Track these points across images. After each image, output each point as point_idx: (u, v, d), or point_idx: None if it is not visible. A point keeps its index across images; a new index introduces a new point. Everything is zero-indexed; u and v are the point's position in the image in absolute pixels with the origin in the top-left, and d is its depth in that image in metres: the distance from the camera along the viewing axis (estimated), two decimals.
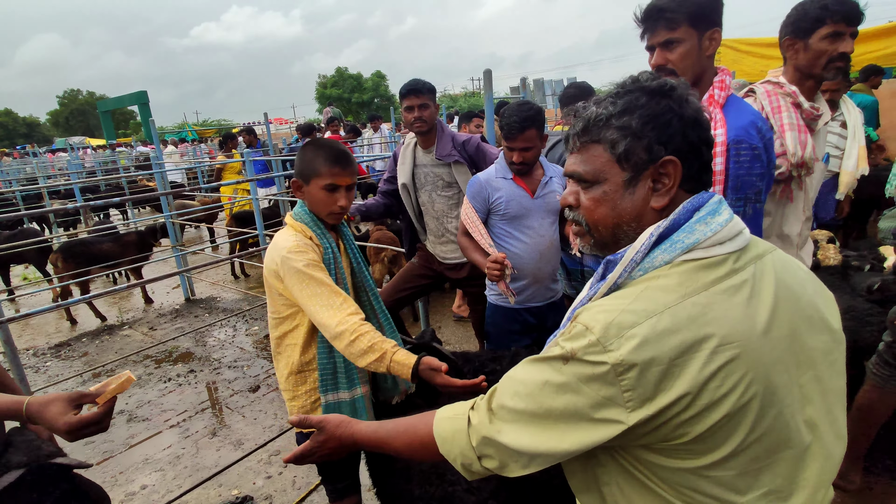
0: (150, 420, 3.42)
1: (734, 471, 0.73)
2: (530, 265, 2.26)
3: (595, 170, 0.84)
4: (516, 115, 2.09)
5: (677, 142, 0.79)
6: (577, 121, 0.87)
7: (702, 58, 1.49)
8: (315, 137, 1.71)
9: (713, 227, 0.76)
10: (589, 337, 0.73)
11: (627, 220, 0.83)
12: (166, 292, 6.20)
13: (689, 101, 0.81)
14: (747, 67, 7.46)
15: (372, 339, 1.47)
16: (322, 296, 1.50)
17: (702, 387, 0.69)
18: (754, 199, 1.46)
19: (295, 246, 1.54)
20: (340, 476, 1.81)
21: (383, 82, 45.94)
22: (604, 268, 0.85)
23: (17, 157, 18.67)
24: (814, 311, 0.81)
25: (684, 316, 0.71)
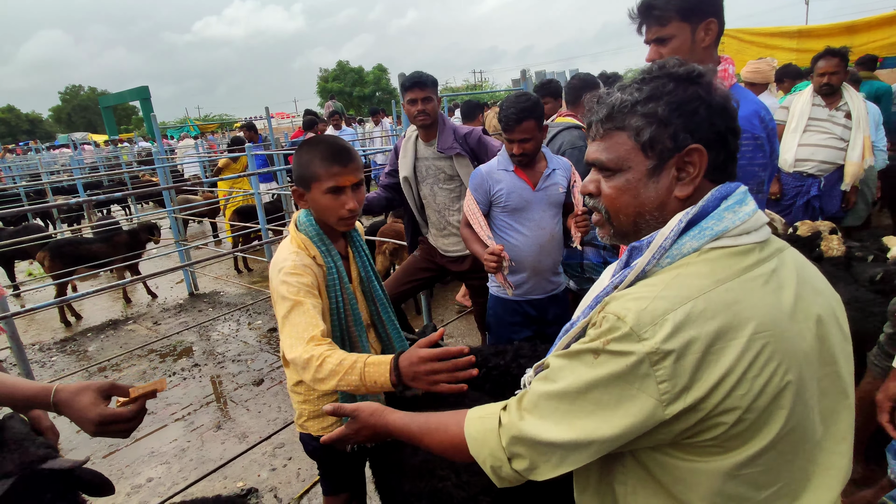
0: (155, 413, 3.44)
1: (762, 467, 0.72)
2: (530, 257, 2.26)
3: (618, 157, 0.81)
4: (514, 107, 2.08)
5: (704, 130, 0.77)
6: (599, 107, 0.84)
7: (697, 50, 1.47)
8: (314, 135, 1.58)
9: (741, 216, 0.75)
10: (621, 327, 0.71)
11: (650, 210, 0.81)
12: (170, 287, 6.22)
13: (717, 89, 0.79)
14: (750, 57, 7.40)
15: (339, 357, 1.28)
16: (297, 326, 1.34)
17: (741, 375, 0.68)
18: (756, 189, 1.45)
19: (292, 267, 1.41)
20: (344, 480, 1.78)
21: (384, 76, 45.79)
22: (628, 254, 0.82)
23: (20, 153, 18.69)
24: (831, 308, 0.81)
25: (719, 301, 0.70)
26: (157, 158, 6.36)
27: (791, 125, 3.60)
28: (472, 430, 0.88)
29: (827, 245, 2.67)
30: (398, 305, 3.08)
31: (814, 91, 3.52)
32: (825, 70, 3.39)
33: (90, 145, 18.87)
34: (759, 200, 1.48)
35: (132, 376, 3.98)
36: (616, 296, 0.76)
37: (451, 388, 1.24)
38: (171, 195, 5.98)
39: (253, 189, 5.21)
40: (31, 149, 19.92)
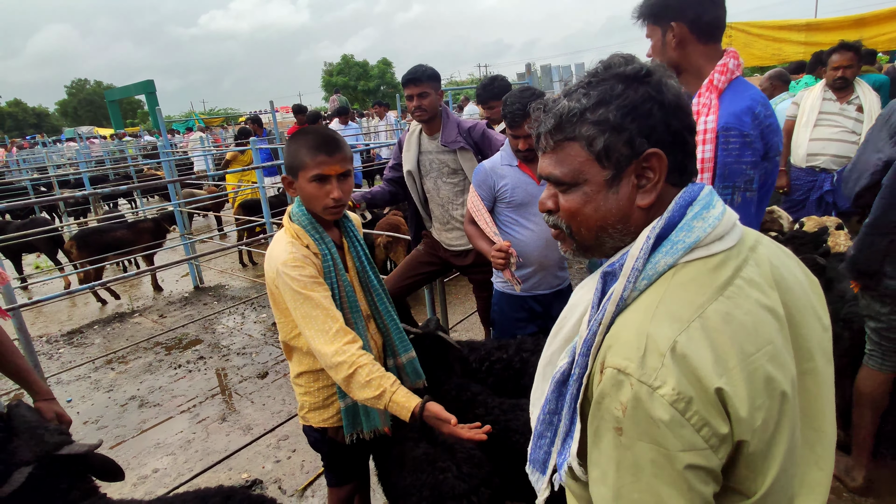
0: (161, 405, 3.47)
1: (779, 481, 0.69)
2: (536, 253, 2.25)
3: (573, 171, 0.76)
4: (519, 102, 2.06)
5: (660, 132, 0.72)
6: (546, 117, 0.78)
7: (668, 51, 1.51)
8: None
9: (710, 221, 0.71)
10: (628, 382, 0.65)
11: (613, 223, 0.76)
12: (175, 280, 6.26)
13: (668, 86, 0.73)
14: (758, 51, 7.35)
15: (370, 372, 1.36)
16: (317, 319, 1.39)
17: (753, 398, 0.64)
18: (744, 187, 1.43)
19: (291, 259, 1.43)
20: (347, 472, 1.79)
21: (389, 70, 45.68)
22: (602, 281, 0.76)
23: (27, 146, 18.79)
24: (807, 300, 0.79)
25: (713, 325, 0.66)
26: (162, 152, 6.38)
27: (802, 119, 3.57)
28: None
29: (834, 241, 2.65)
30: (402, 299, 3.09)
31: (825, 85, 3.49)
32: (839, 63, 3.35)
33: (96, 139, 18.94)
34: (748, 199, 1.45)
35: (138, 368, 4.02)
36: (608, 344, 0.70)
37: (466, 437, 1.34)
38: (177, 188, 6.00)
39: (258, 183, 5.22)
40: (38, 143, 20.01)
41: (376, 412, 1.61)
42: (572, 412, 0.74)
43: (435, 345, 1.91)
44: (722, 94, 1.46)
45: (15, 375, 1.56)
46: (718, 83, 1.47)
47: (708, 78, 1.48)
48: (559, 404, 0.77)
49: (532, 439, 0.83)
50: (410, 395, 1.37)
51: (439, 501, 1.36)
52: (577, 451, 0.73)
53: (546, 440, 0.80)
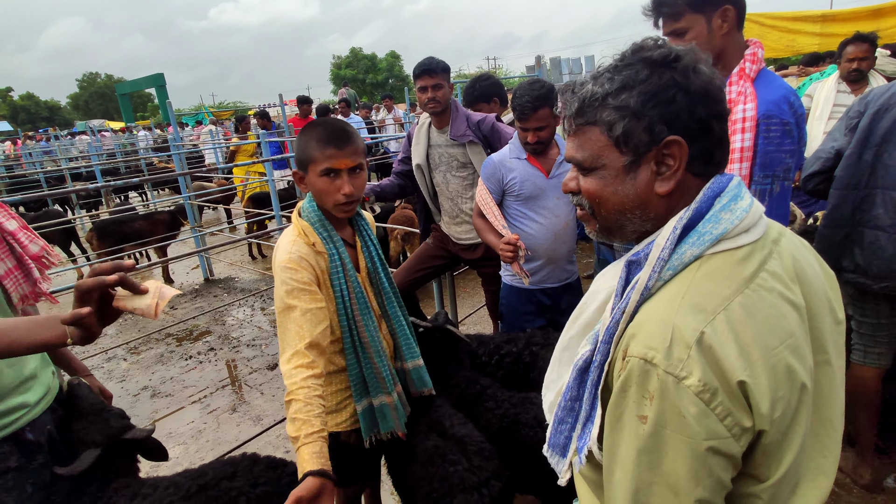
0: (172, 396, 3.52)
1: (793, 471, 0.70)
2: (545, 246, 2.25)
3: (592, 155, 0.76)
4: (528, 95, 2.05)
5: (683, 119, 0.71)
6: (571, 100, 0.78)
7: (714, 39, 1.46)
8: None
9: (738, 213, 0.71)
10: (655, 372, 0.65)
11: (630, 208, 0.76)
12: (186, 272, 6.31)
13: (698, 72, 0.72)
14: (772, 42, 7.24)
15: (298, 410, 1.24)
16: (289, 331, 1.34)
17: (775, 390, 0.65)
18: (783, 176, 1.42)
19: (287, 261, 1.38)
20: (356, 473, 1.76)
21: (398, 63, 45.52)
22: (627, 270, 0.76)
23: (40, 139, 18.99)
24: (823, 293, 0.79)
25: (738, 317, 0.66)
26: (172, 145, 6.42)
27: (815, 112, 3.52)
28: None
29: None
30: (411, 293, 3.10)
31: (840, 77, 3.44)
32: (854, 55, 3.30)
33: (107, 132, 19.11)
34: (786, 188, 1.45)
35: (150, 359, 4.07)
36: (632, 332, 0.70)
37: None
38: (187, 181, 6.05)
39: (267, 176, 5.25)
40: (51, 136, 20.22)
41: (391, 414, 1.57)
42: (593, 398, 0.75)
43: (444, 338, 1.91)
44: (754, 82, 1.44)
45: (58, 354, 1.60)
46: (750, 72, 1.45)
47: (738, 66, 1.46)
48: (580, 391, 0.78)
49: (552, 424, 0.84)
50: (315, 457, 1.19)
51: (449, 493, 1.37)
52: (598, 436, 0.75)
53: (567, 426, 0.81)
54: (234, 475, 1.44)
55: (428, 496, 1.40)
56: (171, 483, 1.42)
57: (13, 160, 13.76)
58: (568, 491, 1.16)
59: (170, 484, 1.41)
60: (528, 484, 1.66)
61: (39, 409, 1.36)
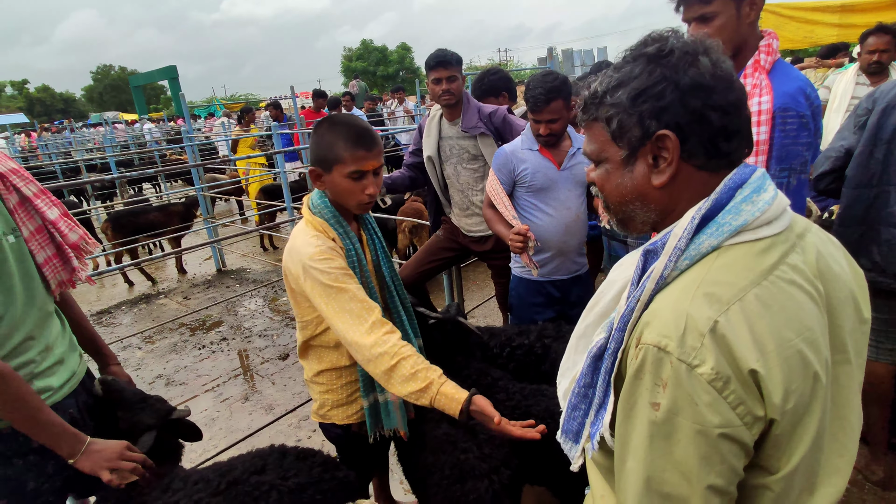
0: (186, 384, 3.58)
1: (804, 465, 0.71)
2: (555, 238, 2.25)
3: (597, 149, 0.81)
4: (541, 87, 2.04)
5: (675, 113, 0.71)
6: (581, 97, 0.83)
7: (741, 27, 1.42)
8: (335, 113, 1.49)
9: (760, 205, 0.70)
10: (668, 360, 0.66)
11: (630, 199, 0.79)
12: (199, 263, 6.39)
13: (696, 63, 0.72)
14: (789, 33, 7.11)
15: (415, 364, 1.28)
16: (353, 312, 1.32)
17: (788, 382, 0.66)
18: (799, 169, 1.40)
19: (318, 253, 1.35)
20: (363, 464, 1.78)
21: (408, 55, 45.41)
22: (643, 259, 0.77)
23: (55, 131, 19.23)
24: (848, 291, 0.79)
25: (753, 308, 0.67)
26: (185, 137, 6.47)
27: (833, 105, 3.46)
28: None
29: None
30: (421, 285, 3.11)
31: (859, 69, 3.37)
32: (875, 47, 3.24)
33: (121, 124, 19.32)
34: (802, 181, 1.43)
35: (164, 348, 4.13)
36: (646, 320, 0.71)
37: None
38: (200, 173, 6.10)
39: (279, 168, 5.28)
40: (66, 127, 20.47)
41: (395, 413, 1.57)
42: (606, 385, 0.76)
43: (455, 330, 1.92)
44: (769, 74, 1.42)
45: (87, 342, 1.62)
46: (765, 63, 1.42)
47: (753, 58, 1.44)
48: (594, 378, 0.79)
49: (565, 411, 0.86)
50: (459, 387, 1.29)
51: (460, 480, 1.38)
52: (610, 422, 0.76)
53: (580, 412, 0.83)
54: (263, 468, 1.42)
55: (439, 483, 1.42)
56: (201, 478, 1.40)
57: (29, 152, 13.96)
58: (577, 482, 1.17)
59: (199, 479, 1.40)
60: (538, 475, 1.67)
61: (63, 393, 1.39)
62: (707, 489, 0.67)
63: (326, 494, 1.43)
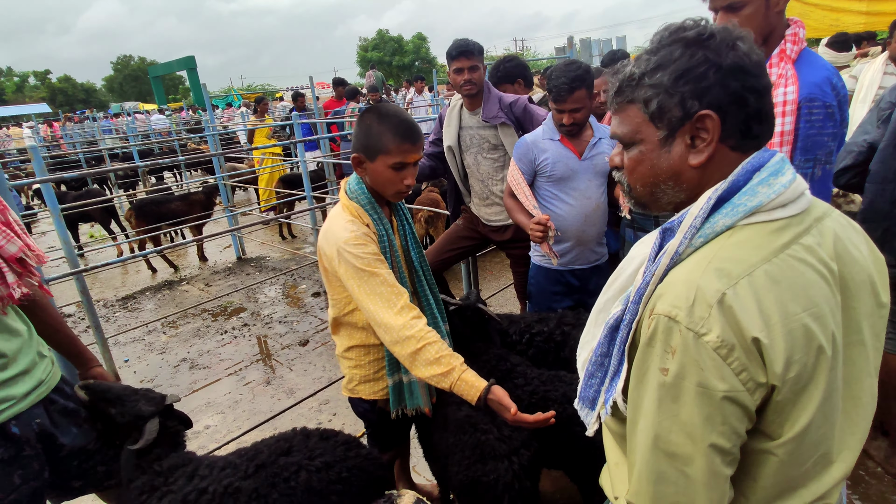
0: (210, 368, 3.67)
1: (809, 438, 0.74)
2: (575, 227, 2.26)
3: (631, 130, 0.82)
4: (565, 77, 2.05)
5: (715, 94, 0.74)
6: (613, 81, 0.84)
7: (770, 16, 1.41)
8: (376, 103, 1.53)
9: (776, 188, 0.73)
10: (677, 329, 0.70)
11: (664, 179, 0.81)
12: (219, 251, 6.50)
13: (735, 47, 0.75)
14: (814, 22, 6.93)
15: (439, 350, 1.35)
16: (383, 295, 1.39)
17: (790, 354, 0.69)
18: (824, 160, 1.39)
19: (353, 238, 1.41)
20: (391, 440, 1.86)
21: (424, 44, 45.19)
22: (661, 237, 0.81)
23: (77, 121, 19.58)
24: (866, 275, 0.81)
25: (762, 283, 0.70)
26: (206, 126, 6.56)
27: (860, 95, 3.40)
28: None
29: None
30: (440, 273, 3.15)
31: (889, 58, 3.30)
32: None
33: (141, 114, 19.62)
34: (828, 172, 1.42)
35: (188, 333, 4.24)
36: (659, 293, 0.75)
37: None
38: (221, 162, 6.19)
39: (298, 157, 5.33)
40: (88, 117, 20.83)
41: (419, 392, 1.63)
42: (621, 354, 0.81)
43: (475, 316, 1.96)
44: (795, 63, 1.40)
45: (65, 346, 1.60)
46: (791, 53, 1.41)
47: (779, 48, 1.42)
48: (610, 348, 0.83)
49: (583, 379, 0.91)
50: (479, 377, 1.36)
51: (481, 461, 1.42)
52: (623, 388, 0.81)
53: (596, 380, 0.87)
54: (289, 450, 1.47)
55: (460, 463, 1.46)
56: (228, 464, 1.44)
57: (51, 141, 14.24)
58: (593, 465, 1.20)
59: (226, 465, 1.44)
60: (556, 459, 1.70)
61: (28, 402, 1.38)
62: (710, 448, 0.71)
63: (353, 471, 1.48)
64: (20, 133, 15.95)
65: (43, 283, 1.49)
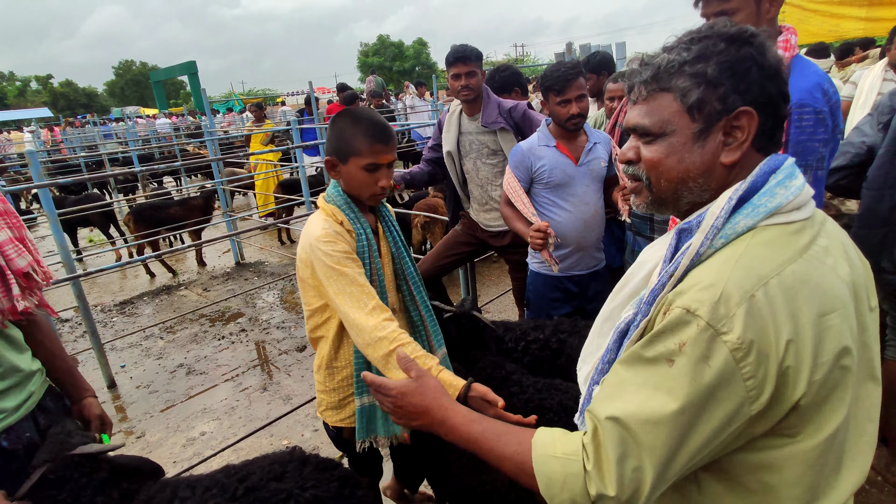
0: (206, 374, 3.65)
1: (834, 443, 0.72)
2: (574, 233, 2.25)
3: (662, 121, 0.78)
4: (563, 67, 2.13)
5: (755, 93, 0.73)
6: (644, 68, 0.80)
7: (761, 23, 1.41)
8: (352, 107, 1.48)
9: (793, 190, 0.73)
10: (696, 322, 0.67)
11: (694, 176, 0.77)
12: (218, 256, 6.49)
13: (771, 51, 0.75)
14: (814, 28, 6.94)
15: (414, 351, 1.30)
16: (353, 295, 1.36)
17: (815, 359, 0.67)
18: (816, 165, 1.40)
19: (324, 235, 1.40)
20: (366, 471, 1.79)
21: (425, 50, 45.39)
22: (677, 237, 0.78)
23: (78, 125, 19.63)
24: (865, 277, 0.81)
25: (789, 285, 0.68)
26: (206, 132, 6.57)
27: (859, 101, 3.39)
28: (548, 470, 0.77)
29: None
30: (438, 279, 3.13)
31: (888, 65, 3.30)
32: None
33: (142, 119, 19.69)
34: (819, 178, 1.42)
35: (185, 338, 4.22)
36: (680, 289, 0.71)
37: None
38: (220, 167, 6.19)
39: (297, 163, 5.34)
40: (89, 122, 20.89)
41: None
42: None
43: (470, 324, 1.94)
44: (786, 70, 1.41)
45: (61, 374, 1.53)
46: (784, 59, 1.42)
47: None
48: (618, 354, 0.79)
49: (585, 391, 0.86)
50: (455, 376, 1.31)
51: (477, 470, 1.41)
52: None
53: None
54: (282, 475, 1.39)
55: (458, 472, 1.44)
56: (214, 483, 1.36)
57: (52, 146, 14.28)
58: None
59: (212, 484, 1.35)
60: None
61: (18, 416, 1.34)
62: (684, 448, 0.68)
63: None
64: (21, 137, 15.98)
65: (45, 301, 1.44)
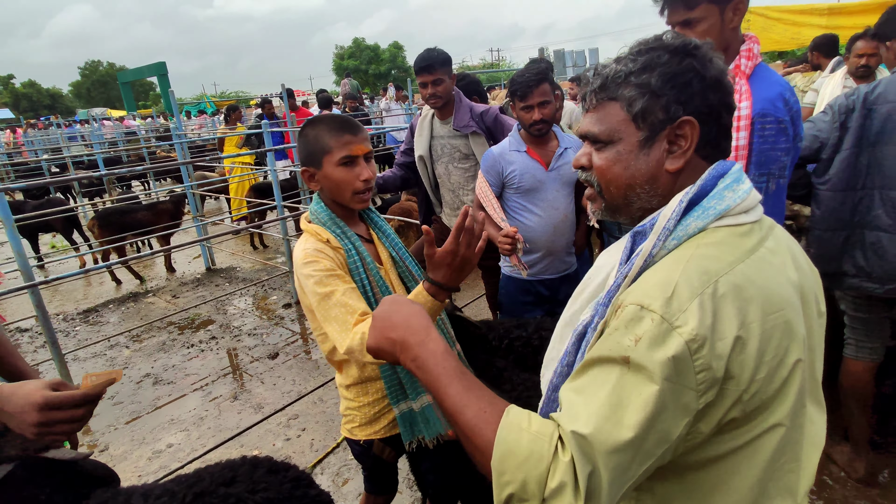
0: (174, 383, 3.55)
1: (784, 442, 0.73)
2: (544, 238, 2.26)
3: (610, 129, 0.80)
4: (528, 73, 2.12)
5: (697, 103, 0.76)
6: (595, 78, 0.83)
7: (725, 32, 1.43)
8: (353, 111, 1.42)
9: (740, 194, 0.75)
10: (649, 317, 0.67)
11: (640, 182, 0.80)
12: (188, 262, 6.34)
13: (713, 62, 0.77)
14: (777, 35, 7.19)
15: None
16: (338, 319, 1.30)
17: (761, 357, 0.68)
18: (778, 174, 1.42)
19: (304, 257, 1.36)
20: (387, 484, 1.76)
21: (401, 53, 45.37)
22: (632, 240, 0.80)
23: (42, 127, 18.97)
24: (813, 283, 0.84)
25: (737, 283, 0.69)
26: (174, 134, 6.41)
27: (820, 108, 3.50)
28: (513, 440, 0.68)
29: None
30: None
31: (847, 73, 3.41)
32: (864, 51, 3.26)
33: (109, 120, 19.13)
34: (781, 186, 1.44)
35: (152, 347, 4.10)
36: (632, 289, 0.72)
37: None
38: (189, 170, 6.05)
39: (268, 167, 5.24)
40: (52, 124, 20.21)
41: (436, 416, 1.49)
42: None
43: (455, 324, 1.93)
44: (749, 79, 1.43)
45: (15, 378, 1.42)
46: (746, 69, 1.43)
47: (734, 63, 1.44)
48: (577, 356, 0.79)
49: (545, 394, 0.84)
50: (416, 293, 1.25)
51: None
52: None
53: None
54: (232, 480, 1.35)
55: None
56: (165, 491, 1.32)
57: (13, 148, 13.76)
58: None
59: (163, 492, 1.31)
60: None
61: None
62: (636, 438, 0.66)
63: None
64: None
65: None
